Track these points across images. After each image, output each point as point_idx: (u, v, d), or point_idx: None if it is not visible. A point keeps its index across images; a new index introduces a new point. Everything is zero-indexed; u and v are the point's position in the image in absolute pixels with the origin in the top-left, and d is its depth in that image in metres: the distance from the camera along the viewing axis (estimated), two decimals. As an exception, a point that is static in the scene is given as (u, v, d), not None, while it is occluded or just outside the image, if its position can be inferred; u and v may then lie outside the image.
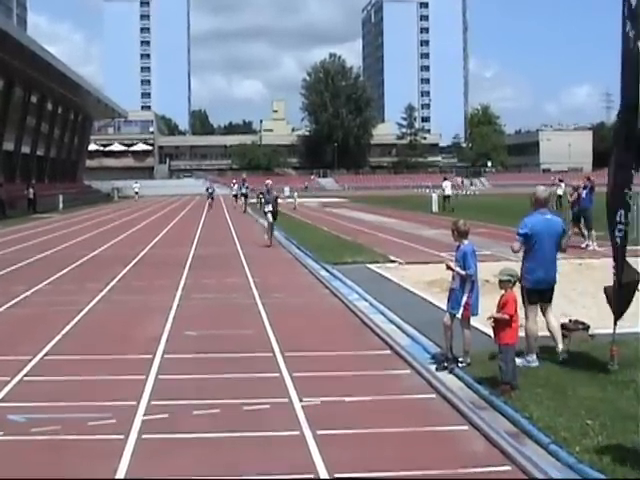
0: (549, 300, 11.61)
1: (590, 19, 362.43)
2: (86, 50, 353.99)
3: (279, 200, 47.02)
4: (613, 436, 7.88)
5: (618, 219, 10.58)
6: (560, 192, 51.77)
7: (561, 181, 58.84)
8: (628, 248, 10.84)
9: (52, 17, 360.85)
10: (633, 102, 10.61)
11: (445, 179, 64.16)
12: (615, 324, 10.65)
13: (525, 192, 29.94)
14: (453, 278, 11.32)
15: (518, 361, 10.97)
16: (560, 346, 11.34)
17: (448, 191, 60.25)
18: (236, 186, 71.89)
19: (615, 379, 9.99)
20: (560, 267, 11.99)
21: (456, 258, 11.33)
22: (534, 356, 11.16)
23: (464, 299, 11.08)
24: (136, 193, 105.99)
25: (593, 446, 7.66)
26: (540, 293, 11.49)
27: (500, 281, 10.21)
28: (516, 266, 11.08)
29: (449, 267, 11.35)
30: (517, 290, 10.41)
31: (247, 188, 63.95)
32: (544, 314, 11.59)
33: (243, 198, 63.35)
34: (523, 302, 11.45)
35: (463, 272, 11.10)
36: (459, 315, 11.17)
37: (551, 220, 11.75)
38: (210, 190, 71.02)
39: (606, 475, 6.96)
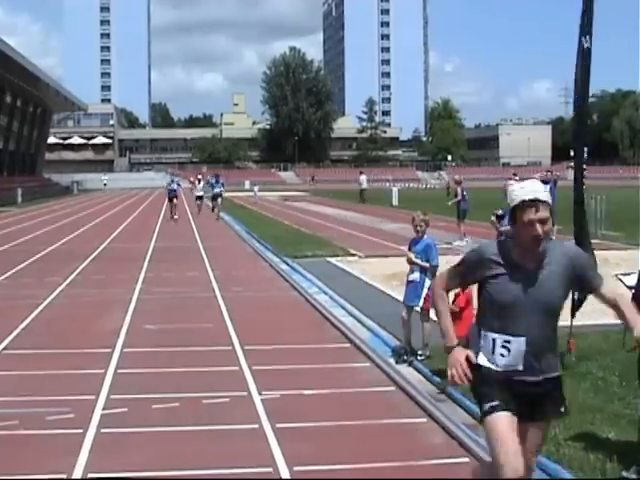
0: None
1: (550, 14, 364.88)
2: (45, 42, 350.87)
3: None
4: (570, 427, 7.94)
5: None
6: None
7: (515, 175, 60.38)
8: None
9: (9, 8, 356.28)
10: (584, 96, 10.79)
11: (361, 173, 67.65)
12: (572, 316, 10.75)
13: (485, 186, 30.04)
14: (411, 270, 11.36)
15: None
16: None
17: (364, 185, 64.01)
18: (201, 184, 51.27)
19: (572, 371, 10.06)
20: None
21: (417, 251, 11.36)
22: None
23: (425, 291, 11.12)
24: (104, 185, 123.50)
25: (550, 437, 7.72)
26: None
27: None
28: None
29: (412, 261, 11.36)
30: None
31: (222, 185, 47.24)
32: None
33: (217, 199, 45.45)
34: None
35: (427, 264, 11.15)
36: (419, 308, 11.22)
37: None
38: (172, 187, 45.57)
39: (563, 466, 7.03)
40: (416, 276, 11.30)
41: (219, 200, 45.38)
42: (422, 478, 7.09)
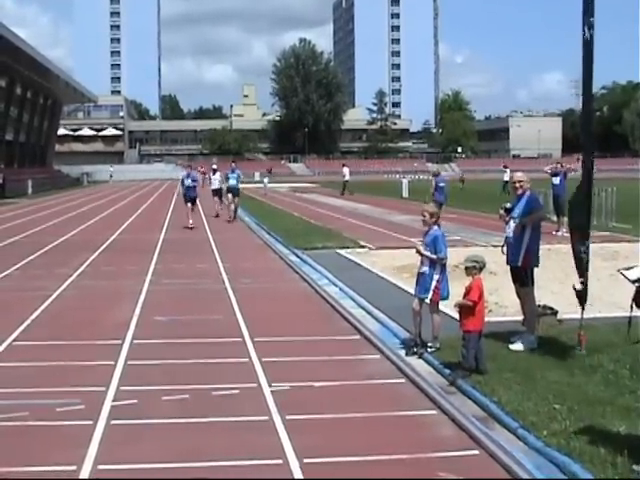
0: None
1: (561, 5, 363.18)
2: (54, 33, 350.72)
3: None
4: (580, 420, 7.93)
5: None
6: (506, 178, 56.64)
7: (506, 167, 63.20)
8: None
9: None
10: (590, 89, 10.78)
11: (344, 165, 67.79)
12: (583, 309, 10.73)
13: (495, 178, 29.99)
14: (422, 263, 11.34)
15: (519, 345, 11.04)
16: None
17: (347, 177, 64.93)
18: (217, 175, 38.13)
19: (583, 364, 10.05)
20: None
21: (426, 243, 11.35)
22: (533, 336, 11.24)
23: (434, 283, 11.11)
24: (110, 176, 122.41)
25: (561, 430, 7.71)
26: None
27: (466, 267, 10.27)
28: (485, 252, 11.13)
29: (419, 252, 11.36)
30: (490, 275, 10.43)
31: (238, 177, 37.38)
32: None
33: (230, 196, 36.66)
34: (523, 284, 11.59)
35: (434, 256, 11.13)
36: (428, 300, 11.20)
37: None
38: (188, 183, 34.44)
39: (573, 459, 7.00)
40: (425, 269, 11.29)
41: (236, 199, 36.95)
42: (429, 478, 7.09)
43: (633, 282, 7.66)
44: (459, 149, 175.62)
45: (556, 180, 28.52)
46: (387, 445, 7.69)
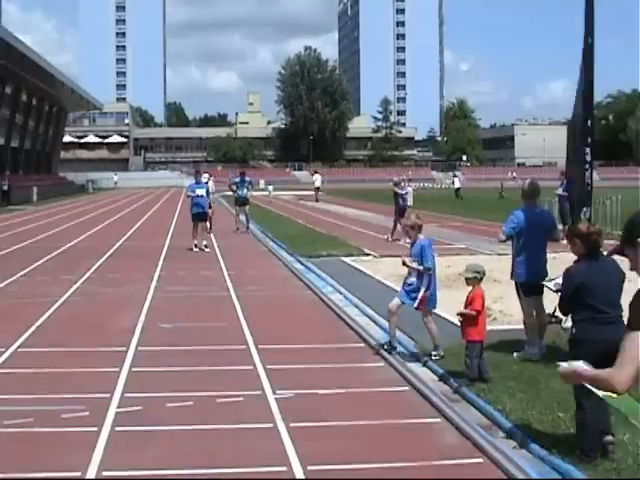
0: (541, 293, 11.63)
1: (567, 13, 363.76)
2: (60, 40, 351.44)
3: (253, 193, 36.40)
4: (584, 428, 7.94)
5: (584, 216, 10.81)
6: (457, 184, 69.37)
7: (455, 176, 75.07)
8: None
9: (24, 5, 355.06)
10: (588, 96, 10.82)
11: (315, 172, 71.76)
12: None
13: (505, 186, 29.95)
14: (409, 273, 11.41)
15: (523, 353, 11.04)
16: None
17: (318, 183, 67.81)
18: (210, 183, 32.79)
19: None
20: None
21: (412, 254, 11.40)
22: (535, 348, 11.21)
23: (420, 294, 11.17)
24: (115, 183, 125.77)
25: (565, 438, 7.71)
26: (532, 286, 11.51)
27: (466, 278, 10.27)
28: (489, 260, 11.13)
29: (405, 264, 11.42)
30: (494, 284, 10.44)
31: (249, 186, 35.05)
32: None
33: (244, 206, 34.06)
34: (518, 296, 11.58)
35: (421, 267, 11.18)
36: (414, 307, 11.30)
37: (541, 213, 11.93)
38: (201, 192, 27.44)
39: (577, 467, 7.01)
40: (413, 280, 11.36)
41: (246, 207, 34.21)
42: (436, 478, 7.10)
43: (555, 292, 7.86)
44: (464, 157, 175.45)
45: (560, 190, 28.62)
46: (391, 453, 7.71)
